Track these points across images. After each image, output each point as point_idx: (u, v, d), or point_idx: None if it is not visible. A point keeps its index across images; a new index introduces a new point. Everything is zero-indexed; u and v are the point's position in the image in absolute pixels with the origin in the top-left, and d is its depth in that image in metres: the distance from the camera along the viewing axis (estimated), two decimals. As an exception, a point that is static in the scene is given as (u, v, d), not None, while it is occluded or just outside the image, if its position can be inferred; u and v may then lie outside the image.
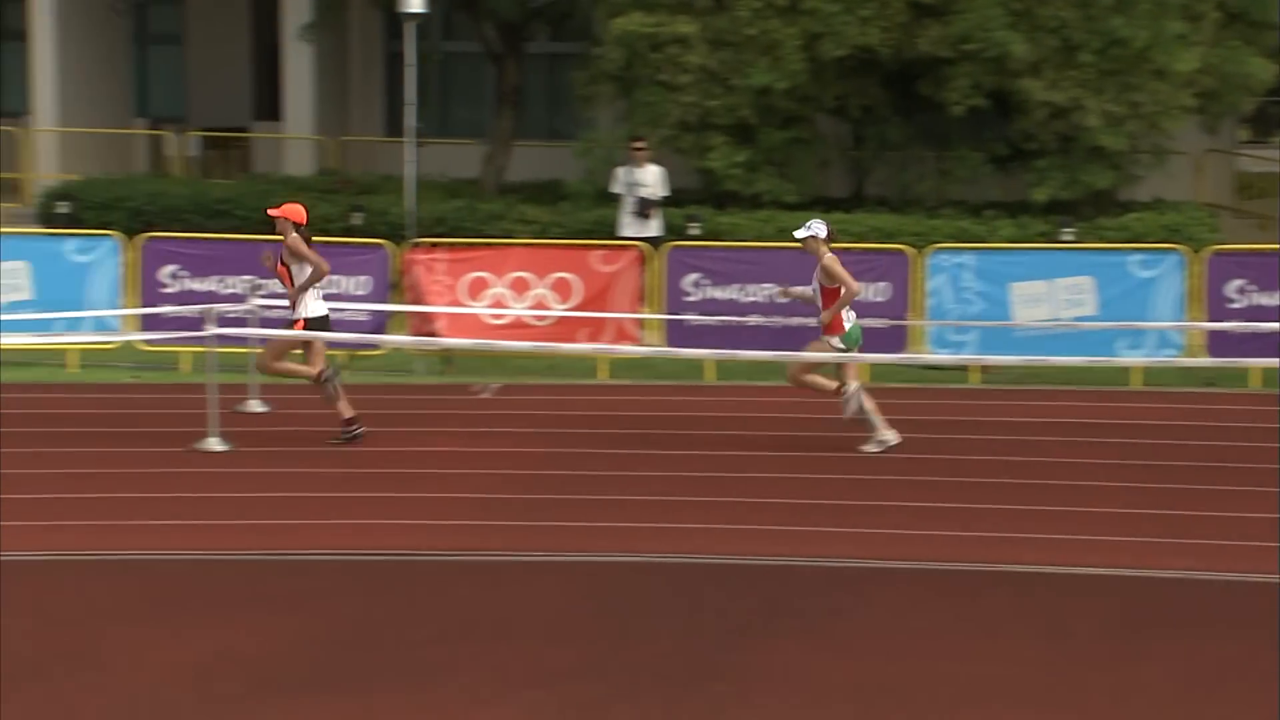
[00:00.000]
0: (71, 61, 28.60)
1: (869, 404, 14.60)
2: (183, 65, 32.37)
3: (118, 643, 9.65)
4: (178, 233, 19.99)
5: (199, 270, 18.58)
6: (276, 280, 15.36)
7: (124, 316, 18.38)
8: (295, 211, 14.80)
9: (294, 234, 14.64)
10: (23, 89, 29.40)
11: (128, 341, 18.10)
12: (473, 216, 22.93)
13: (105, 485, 13.26)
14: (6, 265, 18.33)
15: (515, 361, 18.58)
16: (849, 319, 14.45)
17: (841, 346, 14.44)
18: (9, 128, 29.19)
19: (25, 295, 18.29)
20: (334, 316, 18.37)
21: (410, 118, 21.01)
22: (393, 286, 18.80)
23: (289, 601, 10.54)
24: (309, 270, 14.65)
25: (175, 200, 24.09)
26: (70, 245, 18.76)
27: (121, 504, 12.72)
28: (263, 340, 15.12)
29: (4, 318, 17.45)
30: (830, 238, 14.58)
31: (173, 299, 18.27)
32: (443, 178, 25.53)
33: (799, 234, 14.62)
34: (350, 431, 14.69)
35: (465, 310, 18.54)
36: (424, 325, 18.44)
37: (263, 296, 16.68)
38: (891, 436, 14.56)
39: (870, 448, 14.52)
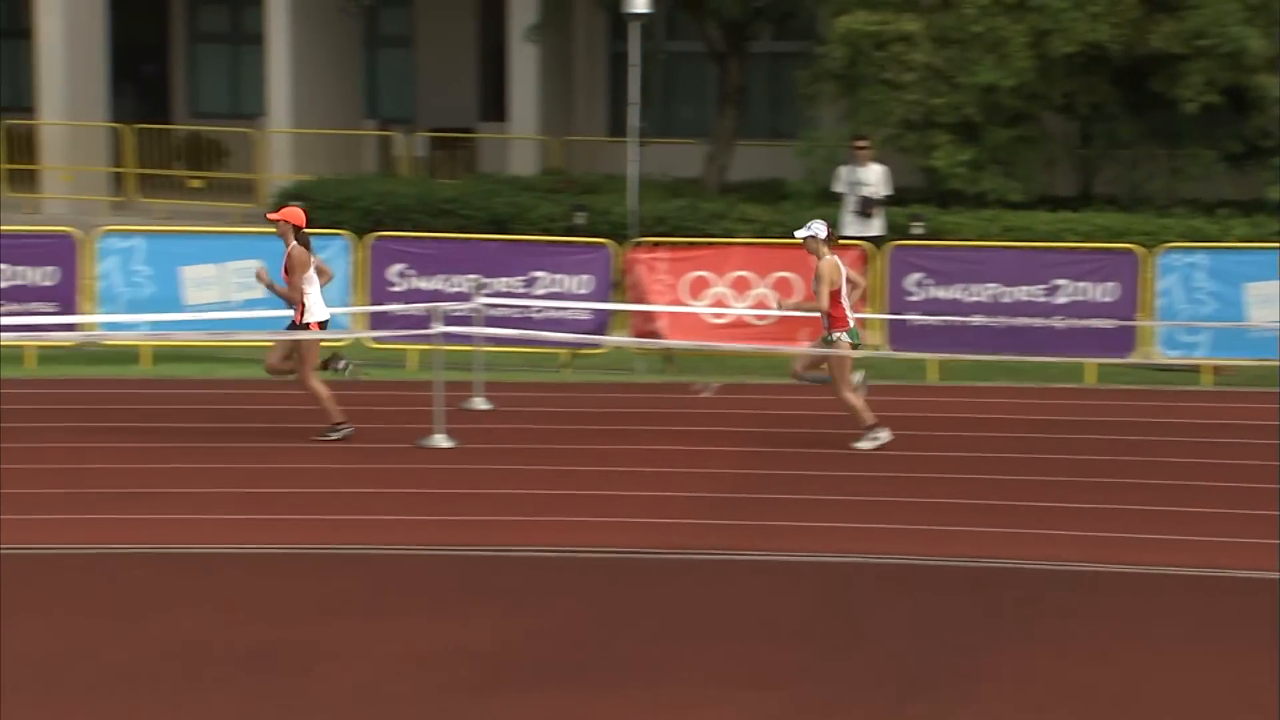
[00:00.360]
0: (305, 64, 29.24)
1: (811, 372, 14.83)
2: (412, 67, 32.93)
3: (348, 636, 9.84)
4: (405, 232, 20.34)
5: (426, 269, 18.87)
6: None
7: (353, 314, 18.75)
8: (295, 215, 14.90)
9: (293, 241, 14.71)
10: (259, 91, 30.15)
11: (357, 339, 18.47)
12: (694, 216, 22.97)
13: (334, 480, 13.53)
14: (241, 264, 18.77)
15: (736, 361, 18.58)
16: (850, 316, 14.65)
17: (849, 341, 14.58)
18: (245, 129, 29.96)
19: (259, 293, 18.71)
20: (556, 315, 18.64)
21: (634, 117, 21.12)
22: (614, 285, 18.91)
23: (511, 597, 10.67)
24: (310, 278, 14.63)
25: (403, 200, 24.50)
26: (302, 244, 19.13)
27: (349, 499, 12.97)
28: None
29: (240, 315, 17.92)
30: (830, 239, 14.68)
31: (400, 297, 18.58)
32: (665, 177, 25.62)
33: (799, 234, 14.82)
34: (339, 430, 14.73)
35: (686, 309, 18.59)
36: (645, 324, 18.52)
37: (487, 295, 16.90)
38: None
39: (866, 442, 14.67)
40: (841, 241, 19.84)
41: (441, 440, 14.67)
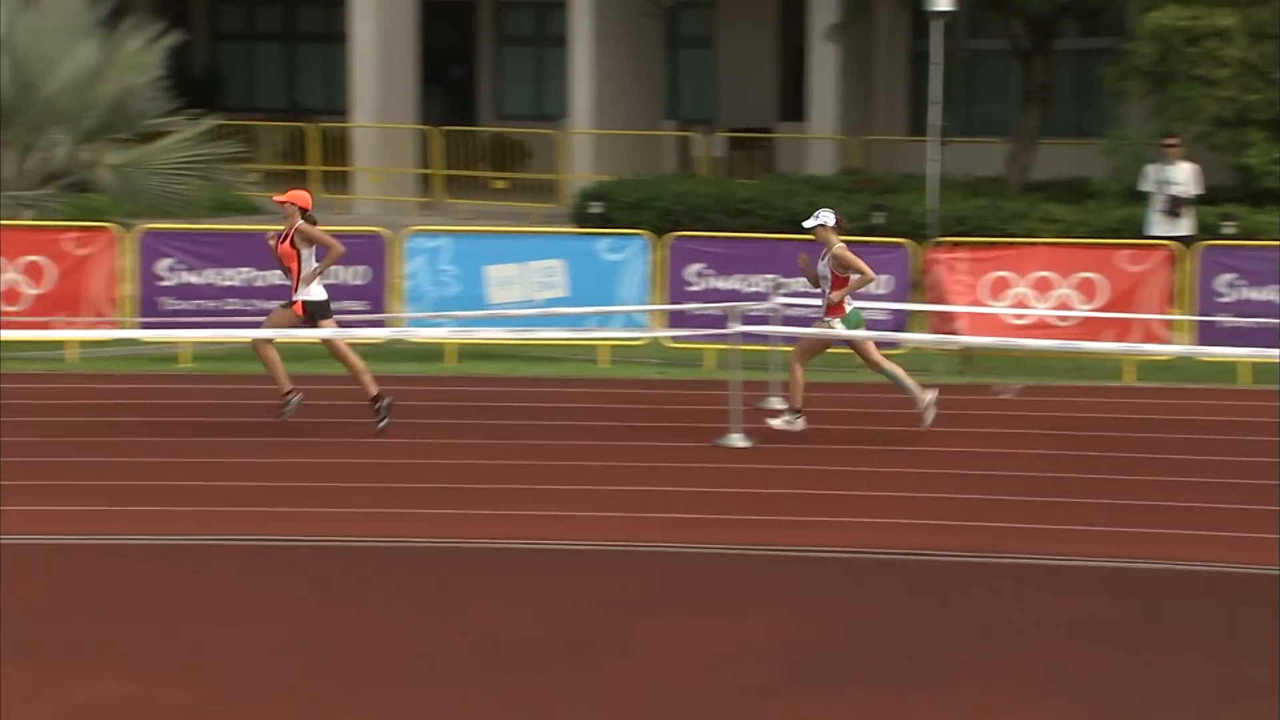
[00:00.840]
0: (607, 65, 29.61)
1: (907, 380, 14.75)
2: (712, 67, 33.10)
3: (643, 633, 9.92)
4: (703, 232, 20.45)
5: (723, 269, 18.94)
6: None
7: (651, 313, 18.91)
8: (301, 197, 14.98)
9: (301, 220, 14.73)
10: (562, 94, 30.63)
11: (655, 338, 18.62)
12: (995, 215, 22.68)
13: (627, 478, 13.66)
14: (544, 264, 19.07)
15: (1037, 362, 18.26)
16: (849, 304, 14.68)
17: (842, 328, 14.63)
18: (548, 131, 30.47)
19: (561, 292, 18.99)
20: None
21: (934, 116, 20.93)
22: (913, 285, 18.74)
23: (806, 597, 10.65)
24: (316, 255, 14.63)
25: (701, 200, 24.65)
26: (602, 244, 19.38)
27: (644, 497, 13.08)
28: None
29: (543, 313, 18.22)
30: (839, 226, 14.70)
31: (698, 297, 18.68)
32: (965, 176, 25.34)
33: (808, 224, 14.88)
34: (285, 404, 14.81)
35: (986, 310, 18.33)
36: (944, 324, 18.32)
37: (785, 295, 16.89)
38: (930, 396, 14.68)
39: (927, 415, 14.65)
40: (1149, 241, 19.46)
41: (738, 439, 14.71)
